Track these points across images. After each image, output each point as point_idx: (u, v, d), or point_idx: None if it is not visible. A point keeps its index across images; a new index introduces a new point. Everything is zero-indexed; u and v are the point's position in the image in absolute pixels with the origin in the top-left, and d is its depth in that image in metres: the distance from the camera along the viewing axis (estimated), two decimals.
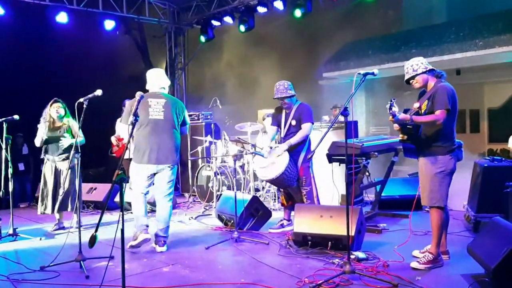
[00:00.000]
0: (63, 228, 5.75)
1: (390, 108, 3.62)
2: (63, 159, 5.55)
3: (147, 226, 4.70)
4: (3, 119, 5.27)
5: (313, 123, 5.21)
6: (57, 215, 5.72)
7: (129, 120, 3.21)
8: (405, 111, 3.83)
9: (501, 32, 9.12)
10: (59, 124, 5.60)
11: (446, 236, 4.06)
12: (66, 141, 5.51)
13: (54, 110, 5.56)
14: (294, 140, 5.05)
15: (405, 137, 3.83)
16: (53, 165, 5.59)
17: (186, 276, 3.90)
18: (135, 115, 3.14)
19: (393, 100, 3.65)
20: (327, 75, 12.54)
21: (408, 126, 3.76)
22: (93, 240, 2.85)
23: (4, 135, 5.27)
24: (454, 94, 3.78)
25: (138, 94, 3.71)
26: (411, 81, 3.91)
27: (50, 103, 5.59)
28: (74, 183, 5.47)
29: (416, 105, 3.86)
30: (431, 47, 10.03)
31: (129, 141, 3.32)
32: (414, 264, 3.84)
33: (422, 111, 3.84)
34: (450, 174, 3.82)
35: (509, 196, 4.57)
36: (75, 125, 5.54)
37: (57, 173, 5.59)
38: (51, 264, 4.11)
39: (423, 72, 3.83)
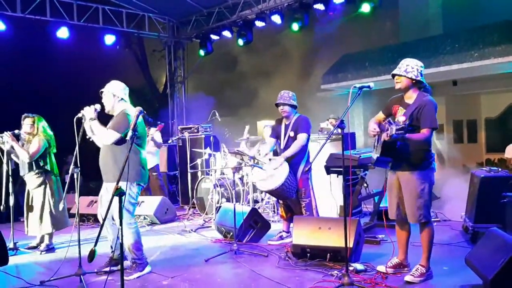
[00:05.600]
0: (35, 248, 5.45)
1: (403, 128, 3.48)
2: (31, 177, 5.29)
3: None
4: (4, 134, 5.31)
5: (309, 135, 5.21)
6: (37, 235, 5.46)
7: (128, 136, 3.22)
8: (390, 124, 3.68)
9: (497, 43, 9.24)
10: (28, 141, 5.33)
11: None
12: (7, 142, 5.20)
13: (27, 126, 5.31)
14: (288, 152, 5.07)
15: (380, 152, 3.76)
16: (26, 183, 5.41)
17: None
18: (135, 130, 3.16)
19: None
20: (325, 87, 12.64)
21: (396, 142, 3.67)
22: (92, 254, 2.87)
23: (6, 149, 5.31)
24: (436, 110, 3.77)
25: (138, 108, 3.75)
26: (396, 77, 3.83)
27: (22, 118, 5.35)
28: (45, 202, 5.28)
29: (402, 118, 3.73)
30: (427, 58, 10.12)
31: (128, 158, 3.21)
32: (408, 278, 3.80)
33: (401, 122, 3.68)
34: (431, 187, 3.84)
35: (506, 207, 4.60)
36: (33, 142, 5.25)
37: (28, 193, 5.40)
38: (51, 278, 4.12)
39: (411, 79, 3.75)
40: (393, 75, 3.87)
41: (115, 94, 4.34)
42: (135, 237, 4.23)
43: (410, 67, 3.77)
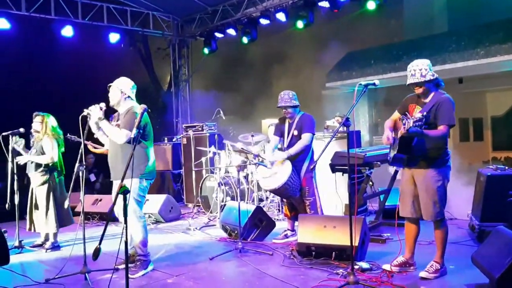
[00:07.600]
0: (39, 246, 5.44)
1: (421, 119, 3.39)
2: (35, 175, 5.27)
3: None
4: (9, 132, 5.33)
5: (313, 134, 5.19)
6: (42, 233, 5.46)
7: (132, 133, 3.20)
8: (407, 119, 3.67)
9: (502, 41, 9.18)
10: (37, 139, 5.33)
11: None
12: (22, 158, 5.28)
13: (36, 124, 5.30)
14: (293, 150, 5.05)
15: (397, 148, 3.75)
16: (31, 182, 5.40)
17: (190, 287, 3.90)
18: (139, 128, 3.15)
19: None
20: (330, 85, 12.62)
21: (413, 137, 3.65)
22: (97, 252, 2.87)
23: (11, 147, 5.32)
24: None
25: (142, 106, 3.74)
26: (415, 86, 3.76)
27: (33, 116, 5.36)
28: (49, 200, 5.24)
29: (418, 115, 3.64)
30: (432, 56, 10.06)
31: (132, 156, 3.20)
32: (423, 274, 3.81)
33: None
34: (446, 185, 3.82)
35: None
36: (46, 142, 5.24)
37: (32, 191, 5.39)
38: (56, 276, 4.13)
39: (430, 80, 3.71)
40: (409, 85, 3.78)
41: (123, 91, 4.37)
42: (143, 231, 4.29)
43: (423, 69, 3.70)
